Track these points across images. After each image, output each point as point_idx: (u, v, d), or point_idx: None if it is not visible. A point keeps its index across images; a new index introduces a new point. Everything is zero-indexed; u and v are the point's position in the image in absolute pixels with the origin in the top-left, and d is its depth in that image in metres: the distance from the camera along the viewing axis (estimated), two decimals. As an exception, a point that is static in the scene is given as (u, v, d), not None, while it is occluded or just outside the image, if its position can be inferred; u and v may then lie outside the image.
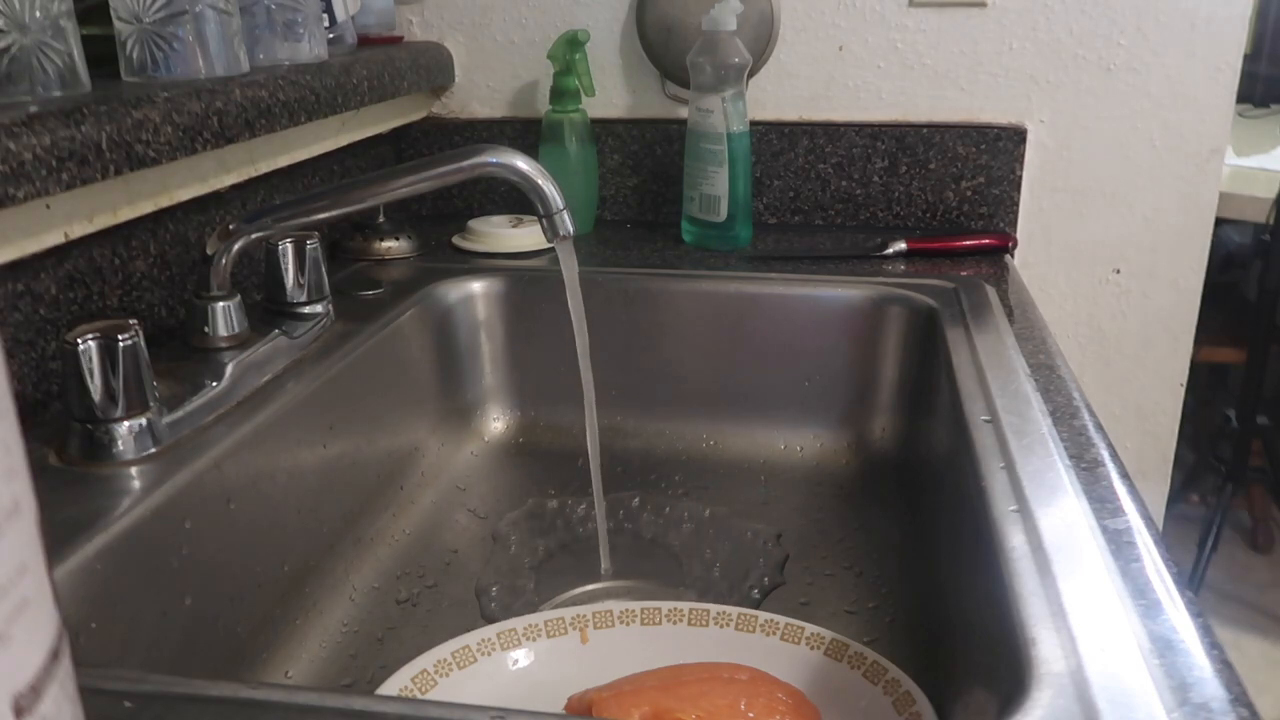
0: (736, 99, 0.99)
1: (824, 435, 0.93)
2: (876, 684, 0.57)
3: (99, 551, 0.51)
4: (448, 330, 0.94)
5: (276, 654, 0.65)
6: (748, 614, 0.63)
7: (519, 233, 1.03)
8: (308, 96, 0.83)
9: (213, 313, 0.70)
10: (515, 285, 0.96)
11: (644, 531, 0.81)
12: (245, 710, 0.40)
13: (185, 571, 0.57)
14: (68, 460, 0.58)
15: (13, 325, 0.62)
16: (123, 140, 0.62)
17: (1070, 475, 0.56)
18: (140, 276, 0.73)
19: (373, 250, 1.01)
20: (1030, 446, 0.60)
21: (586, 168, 1.08)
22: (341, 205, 0.68)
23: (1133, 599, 0.45)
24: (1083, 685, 0.40)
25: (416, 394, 0.89)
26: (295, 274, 0.77)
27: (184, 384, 0.65)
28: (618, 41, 1.12)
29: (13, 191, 0.54)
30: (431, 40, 1.16)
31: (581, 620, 0.63)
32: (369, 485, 0.79)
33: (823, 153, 1.10)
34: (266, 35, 0.85)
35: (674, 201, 1.10)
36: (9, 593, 0.19)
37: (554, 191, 0.67)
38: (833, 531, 0.81)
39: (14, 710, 0.19)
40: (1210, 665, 0.41)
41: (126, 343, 0.57)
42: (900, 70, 1.08)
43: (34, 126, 0.56)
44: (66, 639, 0.22)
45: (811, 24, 1.08)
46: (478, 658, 0.60)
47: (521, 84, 1.15)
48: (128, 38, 0.71)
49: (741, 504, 0.84)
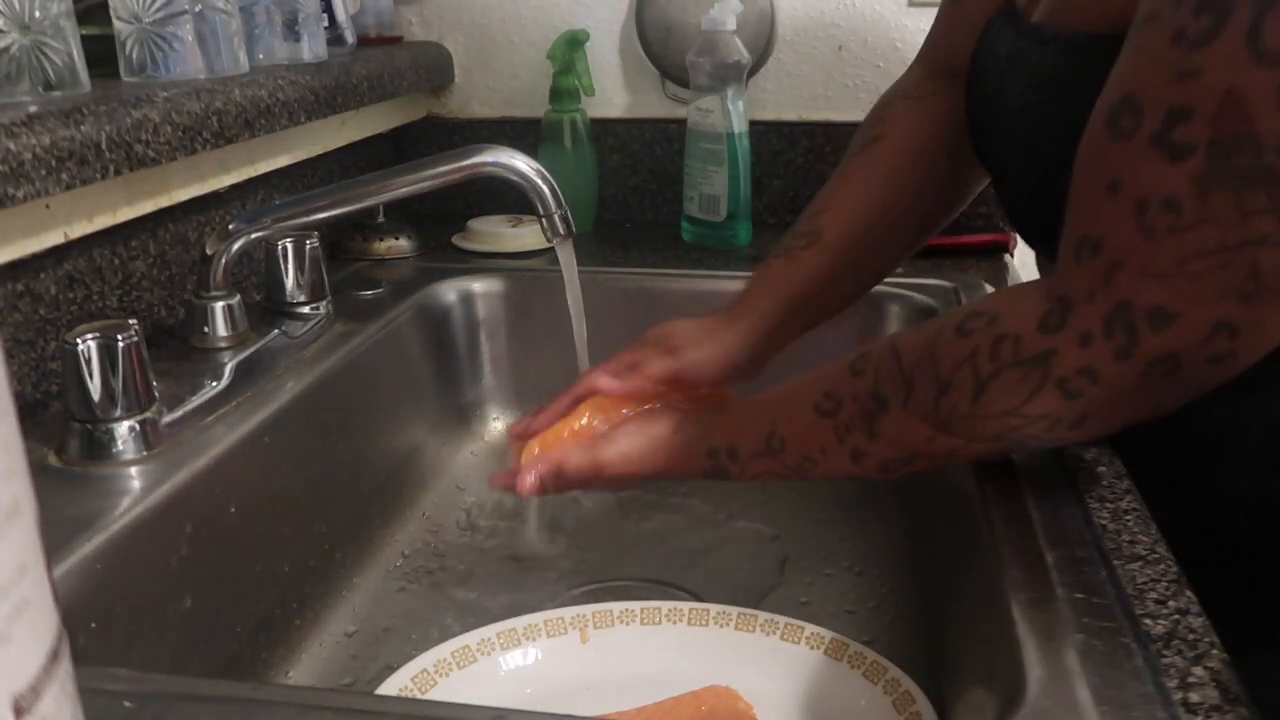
0: (736, 99, 0.99)
1: (824, 435, 0.93)
2: (876, 684, 0.57)
3: (99, 551, 0.51)
4: (447, 330, 0.94)
5: (276, 654, 0.65)
6: (748, 614, 0.63)
7: (519, 233, 1.03)
8: (308, 96, 0.83)
9: (212, 312, 0.70)
10: (515, 285, 0.96)
11: (644, 531, 0.81)
12: (245, 710, 0.40)
13: (185, 571, 0.57)
14: (68, 460, 0.58)
15: (12, 325, 0.61)
16: (122, 140, 0.62)
17: (1071, 474, 0.56)
18: (140, 276, 0.73)
19: (372, 250, 1.01)
20: (1030, 446, 0.60)
21: (586, 168, 1.08)
22: (341, 205, 0.69)
23: (1133, 598, 0.45)
24: (1082, 685, 0.40)
25: (416, 394, 0.89)
26: (295, 274, 0.77)
27: (184, 384, 0.65)
28: (618, 41, 1.12)
29: (12, 191, 0.54)
30: (431, 40, 1.16)
31: (581, 620, 0.63)
32: (369, 485, 0.79)
33: (823, 153, 1.10)
34: (266, 35, 0.85)
35: (674, 201, 1.10)
36: (9, 593, 0.19)
37: (553, 191, 0.67)
38: (832, 531, 0.81)
39: (14, 710, 0.19)
40: (1212, 664, 0.41)
41: (126, 343, 0.57)
42: (900, 70, 1.07)
43: (34, 126, 0.56)
44: (66, 639, 0.22)
45: (811, 23, 1.08)
46: (478, 658, 0.60)
47: (521, 84, 1.15)
48: (127, 38, 0.71)
49: (741, 504, 0.84)
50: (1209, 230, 0.40)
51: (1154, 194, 0.41)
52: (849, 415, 0.53)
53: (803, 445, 0.56)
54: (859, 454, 0.53)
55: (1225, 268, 0.40)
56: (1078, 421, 0.47)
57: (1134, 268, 0.42)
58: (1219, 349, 0.42)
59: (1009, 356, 0.46)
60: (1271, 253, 0.39)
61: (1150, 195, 0.41)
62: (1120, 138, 0.42)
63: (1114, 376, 0.44)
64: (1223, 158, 0.39)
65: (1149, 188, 0.41)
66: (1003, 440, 0.49)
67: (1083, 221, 0.45)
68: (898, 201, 0.71)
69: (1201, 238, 0.40)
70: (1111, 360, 0.44)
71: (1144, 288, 0.42)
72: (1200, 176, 0.39)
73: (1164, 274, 0.41)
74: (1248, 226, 0.39)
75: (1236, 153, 0.39)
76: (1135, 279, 0.42)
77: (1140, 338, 0.43)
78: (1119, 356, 0.43)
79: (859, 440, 0.53)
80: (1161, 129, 0.40)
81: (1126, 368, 0.43)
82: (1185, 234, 0.40)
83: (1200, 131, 0.39)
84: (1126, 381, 0.44)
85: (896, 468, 0.53)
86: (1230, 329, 0.41)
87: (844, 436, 0.54)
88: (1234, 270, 0.40)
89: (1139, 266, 0.42)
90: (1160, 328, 0.42)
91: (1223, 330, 0.41)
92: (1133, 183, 0.42)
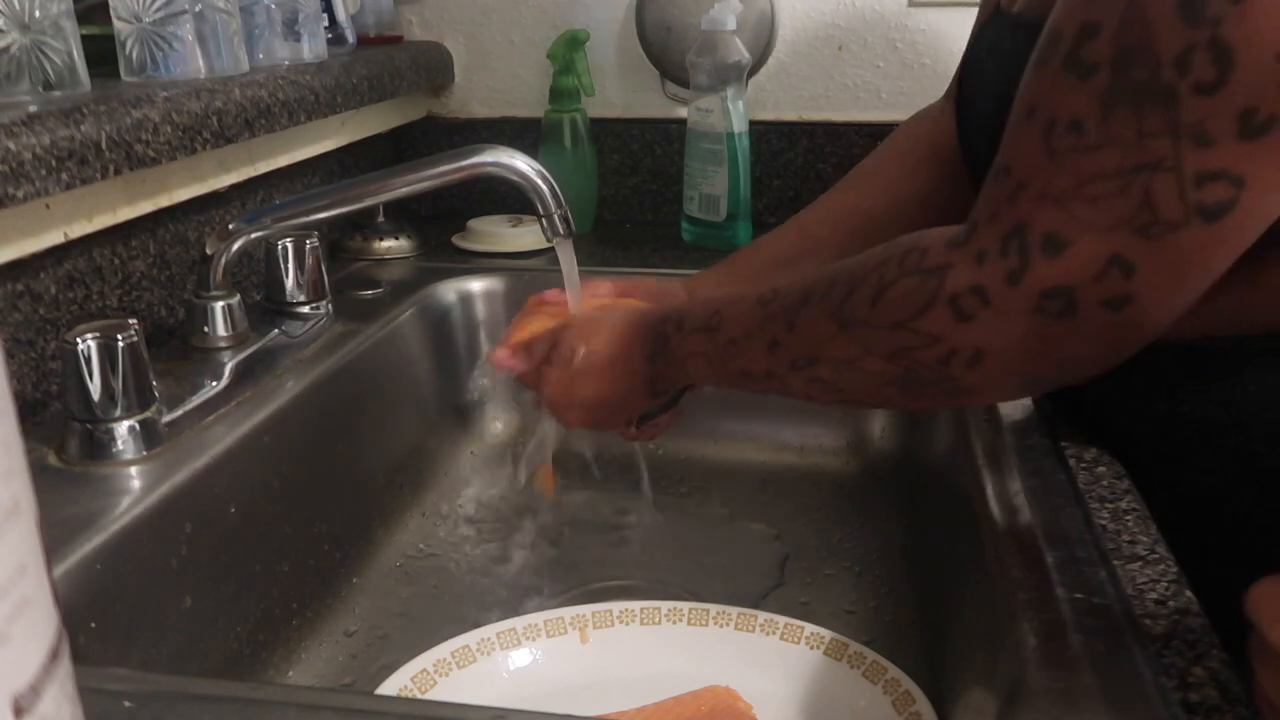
0: (736, 99, 0.99)
1: (824, 435, 0.93)
2: (876, 683, 0.57)
3: (99, 551, 0.51)
4: (447, 330, 0.94)
5: (276, 654, 0.65)
6: (748, 614, 0.63)
7: (518, 232, 1.03)
8: (307, 96, 0.83)
9: (212, 312, 0.70)
10: (515, 285, 0.96)
11: (644, 531, 0.81)
12: (245, 710, 0.40)
13: (185, 571, 0.57)
14: (68, 460, 0.58)
15: (12, 325, 0.61)
16: (122, 140, 0.62)
17: (1070, 474, 0.56)
18: (140, 276, 0.73)
19: (372, 250, 1.01)
20: (1030, 445, 0.60)
21: (586, 167, 1.08)
22: (341, 205, 0.69)
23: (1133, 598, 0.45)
24: (1082, 685, 0.40)
25: (416, 394, 0.89)
26: (295, 273, 0.77)
27: (184, 384, 0.65)
28: (618, 41, 1.12)
29: (12, 191, 0.54)
30: (431, 40, 1.16)
31: (581, 620, 0.63)
32: (368, 485, 0.79)
33: (822, 153, 1.10)
34: (266, 35, 0.85)
35: (674, 201, 1.10)
36: (9, 593, 0.19)
37: (553, 191, 0.67)
38: (832, 531, 0.81)
39: (13, 710, 0.19)
40: (1212, 664, 0.41)
41: (126, 342, 0.57)
42: (900, 70, 1.08)
43: (34, 126, 0.56)
44: (66, 639, 0.22)
45: (811, 24, 1.08)
46: (478, 658, 0.60)
47: (521, 84, 1.15)
48: (127, 37, 0.71)
49: (741, 504, 0.84)
50: (1109, 153, 0.40)
51: (1062, 116, 0.41)
52: (780, 305, 0.54)
53: (734, 327, 0.56)
54: (775, 343, 0.53)
55: (1121, 194, 0.40)
56: (974, 358, 0.45)
57: (1035, 190, 0.42)
58: (1114, 290, 0.41)
59: (912, 266, 0.47)
60: (1165, 180, 0.39)
61: (1059, 117, 0.41)
62: (1040, 65, 0.43)
63: (1005, 302, 0.43)
64: (1123, 72, 0.39)
65: (1058, 109, 0.41)
66: (897, 362, 0.48)
67: (1002, 150, 0.45)
68: (884, 200, 0.75)
69: (1100, 160, 0.40)
70: (1003, 283, 0.43)
71: (1041, 210, 0.42)
72: (1103, 94, 0.40)
73: (1061, 197, 0.41)
74: (1144, 149, 0.39)
75: (1135, 65, 0.39)
76: (1034, 201, 0.42)
77: (1032, 262, 0.42)
78: (1010, 280, 0.43)
79: (778, 330, 0.53)
80: (1072, 49, 0.41)
81: (1017, 295, 0.43)
82: (1086, 155, 0.40)
83: (1105, 48, 0.40)
84: (1018, 313, 0.43)
85: (802, 368, 0.52)
86: (1125, 266, 0.40)
87: (768, 324, 0.54)
88: (1129, 197, 0.40)
89: (1040, 189, 0.42)
90: (1052, 254, 0.41)
91: (1117, 266, 0.41)
92: (1045, 107, 0.42)
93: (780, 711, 0.58)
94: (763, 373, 0.55)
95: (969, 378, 0.46)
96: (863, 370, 0.50)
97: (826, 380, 0.52)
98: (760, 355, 0.54)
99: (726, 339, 0.56)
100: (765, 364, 0.54)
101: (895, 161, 0.77)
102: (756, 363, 0.55)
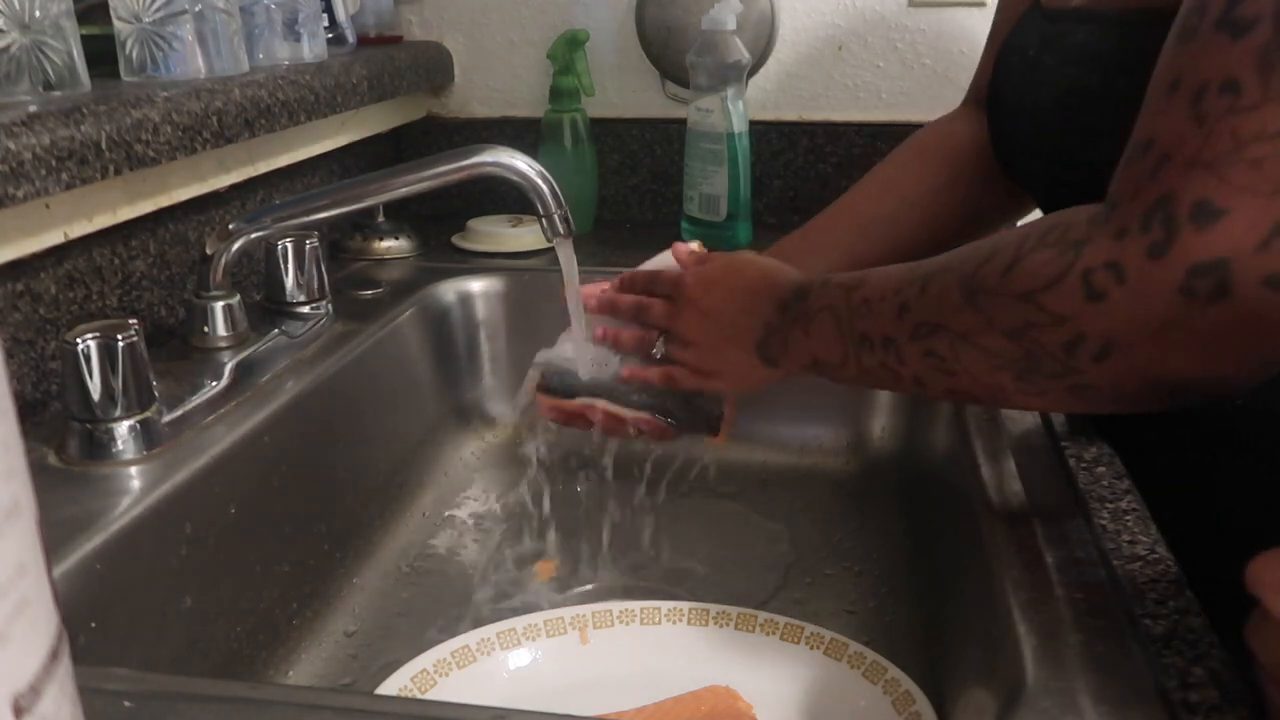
0: (736, 99, 0.99)
1: (824, 435, 0.93)
2: (876, 683, 0.57)
3: (99, 551, 0.51)
4: (447, 330, 0.94)
5: (276, 654, 0.65)
6: (748, 614, 0.63)
7: (518, 232, 1.03)
8: (307, 96, 0.83)
9: (212, 312, 0.70)
10: (515, 285, 0.96)
11: (645, 531, 0.81)
12: (245, 710, 0.40)
13: (185, 571, 0.57)
14: (67, 460, 0.58)
15: (12, 325, 0.61)
16: (122, 140, 0.62)
17: (1070, 475, 0.56)
18: (140, 276, 0.73)
19: (372, 250, 1.01)
20: (1030, 445, 0.60)
21: (586, 167, 1.08)
22: (341, 205, 0.69)
23: (1133, 598, 0.45)
24: (1082, 685, 0.40)
25: (416, 394, 0.89)
26: (295, 274, 0.77)
27: (184, 384, 0.65)
28: (618, 41, 1.12)
29: (12, 191, 0.54)
30: (431, 40, 1.16)
31: (581, 620, 0.63)
32: (368, 485, 0.79)
33: (822, 153, 1.10)
34: (266, 35, 0.85)
35: (674, 201, 1.10)
36: (9, 593, 0.19)
37: (553, 191, 0.67)
38: (832, 531, 0.81)
39: (13, 710, 0.19)
40: (1212, 664, 0.41)
41: (126, 342, 0.57)
42: (900, 70, 1.08)
43: (34, 126, 0.56)
44: (66, 639, 0.22)
45: (811, 24, 1.08)
46: (478, 658, 0.60)
47: (521, 84, 1.15)
48: (127, 37, 0.71)
49: (742, 503, 0.84)
50: (1270, 110, 0.36)
51: (1213, 79, 0.38)
52: (923, 270, 0.51)
53: (874, 287, 0.54)
54: (904, 307, 0.51)
55: None
56: (1103, 350, 0.41)
57: (1182, 158, 0.38)
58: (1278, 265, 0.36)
59: (1054, 239, 0.43)
60: None
61: (1209, 81, 0.38)
62: (1187, 38, 0.39)
63: (1144, 280, 0.39)
64: None
65: (1208, 73, 0.38)
66: (1019, 342, 0.44)
67: (1139, 129, 0.42)
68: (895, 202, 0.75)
69: (1261, 119, 0.36)
70: (1143, 257, 0.39)
71: (1190, 178, 0.38)
72: (1263, 49, 0.36)
73: (1215, 162, 0.37)
74: None
75: None
76: (1182, 170, 0.38)
77: (1179, 234, 0.38)
78: (1151, 253, 0.38)
79: (912, 294, 0.50)
80: (1225, 10, 0.38)
81: (1159, 271, 0.38)
82: (1243, 116, 0.37)
83: (1265, 2, 0.36)
84: (1158, 295, 0.38)
85: (923, 337, 0.49)
86: None
87: (905, 287, 0.51)
88: None
89: (1188, 157, 0.38)
90: (1204, 224, 0.37)
91: None
92: (1193, 75, 0.39)
93: (780, 711, 0.58)
94: (881, 339, 0.52)
95: (1094, 372, 0.42)
96: (981, 348, 0.46)
97: (941, 355, 0.48)
98: (888, 318, 0.52)
99: (861, 298, 0.54)
100: (889, 328, 0.52)
101: (914, 159, 0.77)
102: (881, 326, 0.52)
